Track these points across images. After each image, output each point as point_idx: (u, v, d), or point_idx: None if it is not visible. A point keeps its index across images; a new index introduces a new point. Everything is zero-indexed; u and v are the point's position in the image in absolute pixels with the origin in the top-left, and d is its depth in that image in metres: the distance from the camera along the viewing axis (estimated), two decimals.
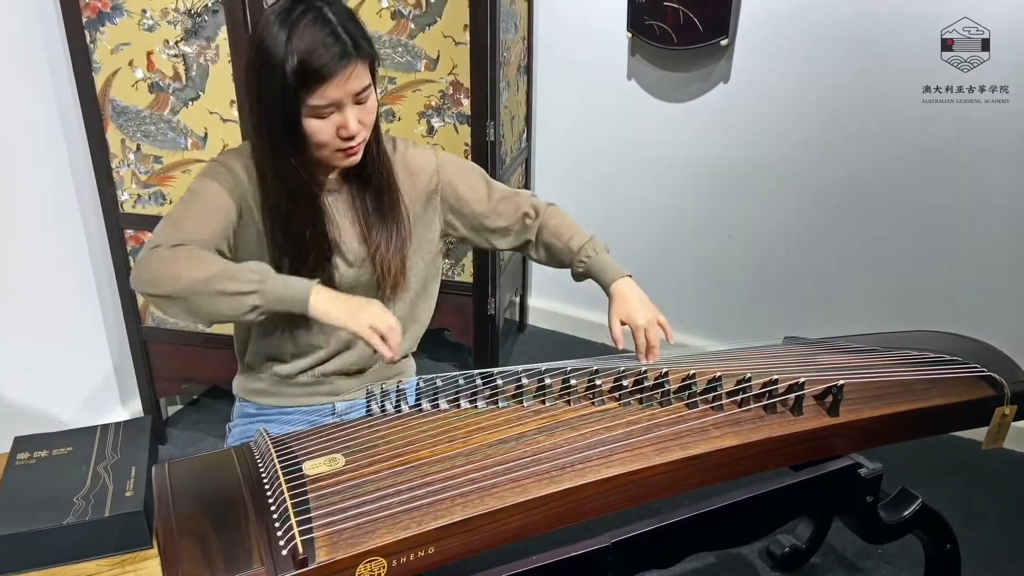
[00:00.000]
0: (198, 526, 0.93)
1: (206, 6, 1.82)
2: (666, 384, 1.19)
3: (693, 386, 1.19)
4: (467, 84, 2.28)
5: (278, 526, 0.90)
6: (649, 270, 2.67)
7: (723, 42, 2.27)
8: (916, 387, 1.30)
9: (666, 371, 1.19)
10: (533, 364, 1.26)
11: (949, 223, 2.22)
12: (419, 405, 1.18)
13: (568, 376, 1.21)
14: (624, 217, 2.69)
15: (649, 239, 2.67)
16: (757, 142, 2.40)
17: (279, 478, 0.97)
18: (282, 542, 0.88)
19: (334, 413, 1.28)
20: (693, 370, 1.20)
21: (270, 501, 0.95)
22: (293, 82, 1.10)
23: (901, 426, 1.26)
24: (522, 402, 1.17)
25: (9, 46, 1.86)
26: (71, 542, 0.98)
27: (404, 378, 1.44)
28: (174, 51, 1.88)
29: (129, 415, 2.32)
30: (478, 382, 1.20)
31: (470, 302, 2.52)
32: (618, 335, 1.32)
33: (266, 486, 0.98)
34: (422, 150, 1.38)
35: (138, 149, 2.00)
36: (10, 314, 1.96)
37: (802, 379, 1.19)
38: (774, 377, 1.19)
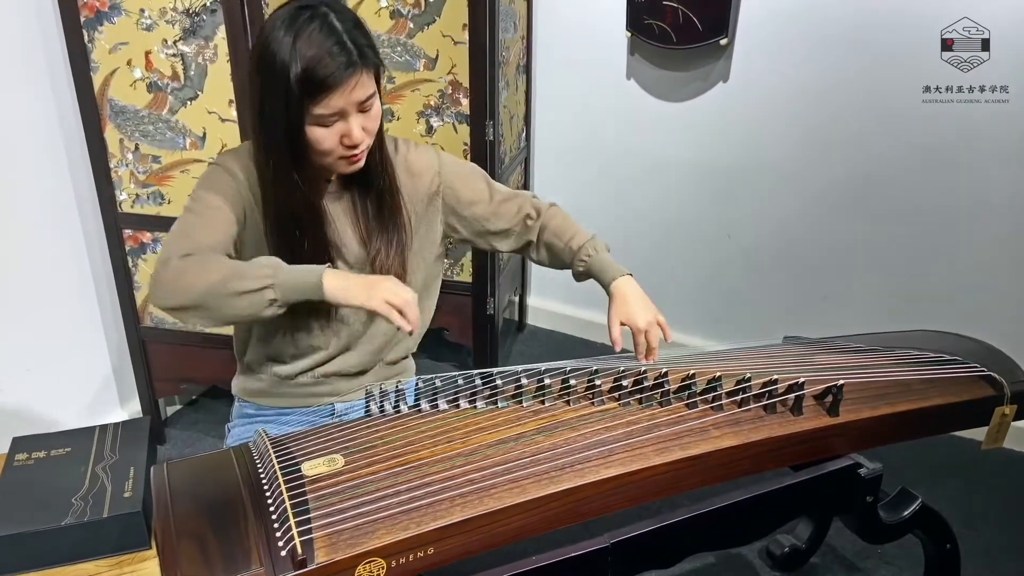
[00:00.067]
0: (197, 527, 0.93)
1: (204, 5, 1.82)
2: (666, 384, 1.18)
3: (693, 386, 1.19)
4: (466, 83, 2.27)
5: (277, 527, 0.90)
6: (648, 269, 2.67)
7: (722, 41, 2.27)
8: (916, 387, 1.30)
9: (666, 371, 1.19)
10: (532, 364, 1.26)
11: (949, 223, 2.22)
12: (418, 405, 1.18)
13: (567, 376, 1.21)
14: (623, 216, 2.68)
15: (648, 239, 2.67)
16: (757, 142, 2.40)
17: (278, 479, 0.97)
18: (281, 543, 0.88)
19: (333, 414, 1.27)
20: (693, 370, 1.20)
21: (269, 502, 0.94)
22: (297, 90, 1.09)
23: (901, 426, 1.26)
24: (521, 402, 1.17)
25: (7, 46, 1.86)
26: (69, 543, 0.98)
27: (403, 378, 1.44)
28: (172, 51, 1.88)
29: (128, 415, 2.31)
30: (477, 382, 1.20)
31: (469, 302, 2.52)
32: (617, 337, 1.32)
33: (265, 487, 0.97)
34: (424, 151, 1.37)
35: (136, 149, 1.99)
36: (9, 314, 1.95)
37: (802, 379, 1.18)
38: (774, 377, 1.19)
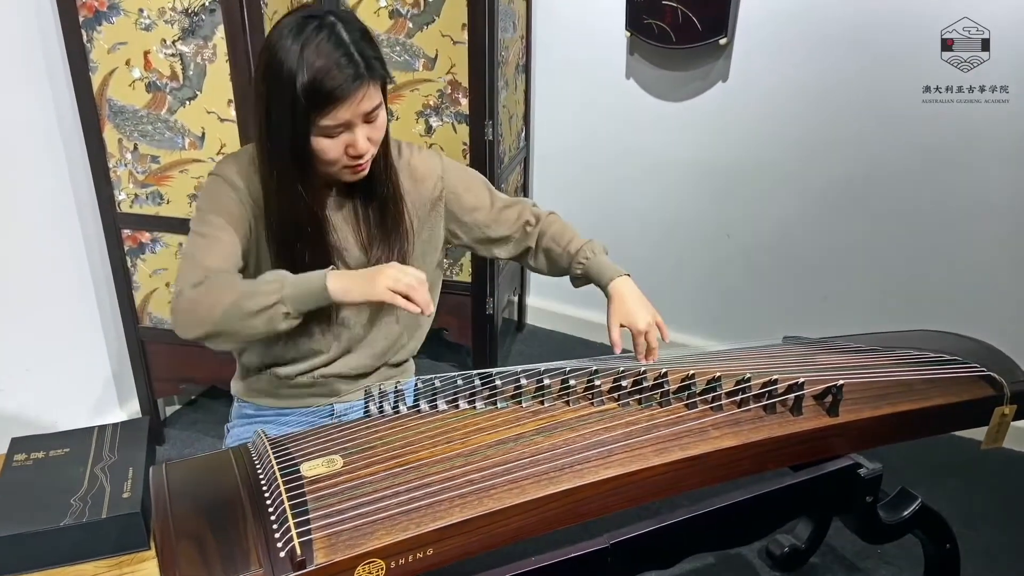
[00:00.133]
0: (196, 528, 0.93)
1: (203, 5, 1.82)
2: (665, 384, 1.18)
3: (692, 386, 1.19)
4: (465, 83, 2.27)
5: (276, 528, 0.90)
6: (648, 269, 2.68)
7: (722, 41, 2.27)
8: (916, 387, 1.30)
9: (665, 371, 1.19)
10: (532, 364, 1.26)
11: (949, 223, 2.22)
12: (417, 406, 1.17)
13: (567, 376, 1.20)
14: (623, 216, 2.68)
15: (648, 239, 2.67)
16: (756, 141, 2.40)
17: (277, 479, 0.96)
18: (280, 544, 0.88)
19: (332, 414, 1.27)
20: (692, 370, 1.20)
21: (268, 502, 0.94)
22: (304, 102, 1.09)
23: (901, 426, 1.25)
24: (521, 403, 1.17)
25: (6, 46, 1.86)
26: (68, 544, 0.98)
27: (402, 379, 1.44)
28: (171, 50, 1.88)
29: (127, 416, 2.31)
30: (476, 383, 1.20)
31: (468, 302, 2.52)
32: (617, 339, 1.32)
33: (264, 487, 0.97)
34: (427, 155, 1.37)
35: (135, 149, 1.99)
36: (8, 314, 1.95)
37: (801, 379, 1.18)
38: (773, 377, 1.19)
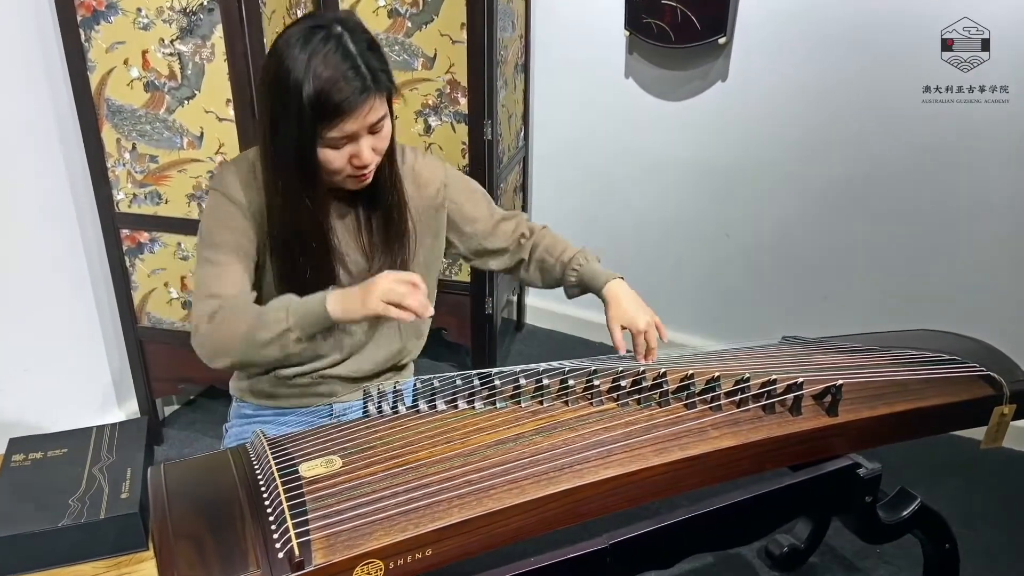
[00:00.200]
0: (194, 528, 0.93)
1: (201, 4, 1.81)
2: (664, 384, 1.18)
3: (691, 386, 1.19)
4: (464, 83, 2.27)
5: (274, 528, 0.90)
6: (646, 269, 2.69)
7: (721, 40, 2.27)
8: (915, 387, 1.30)
9: (664, 371, 1.19)
10: (531, 364, 1.25)
11: (949, 223, 2.22)
12: (416, 406, 1.17)
13: (566, 376, 1.20)
14: (622, 216, 2.68)
15: (647, 238, 2.67)
16: (755, 141, 2.40)
17: (275, 480, 0.96)
18: (278, 544, 0.87)
19: (331, 414, 1.27)
20: (691, 370, 1.20)
21: (266, 503, 0.94)
22: (310, 113, 1.09)
23: (900, 426, 1.25)
24: (520, 403, 1.17)
25: (4, 45, 1.85)
26: (66, 544, 0.97)
27: (401, 379, 1.44)
28: (169, 50, 1.87)
29: (126, 416, 2.31)
30: (475, 383, 1.20)
31: (467, 301, 2.51)
32: (620, 341, 1.32)
33: (262, 488, 0.97)
34: (431, 161, 1.38)
35: (134, 148, 1.99)
36: (6, 314, 1.95)
37: (801, 379, 1.18)
38: (773, 377, 1.19)
